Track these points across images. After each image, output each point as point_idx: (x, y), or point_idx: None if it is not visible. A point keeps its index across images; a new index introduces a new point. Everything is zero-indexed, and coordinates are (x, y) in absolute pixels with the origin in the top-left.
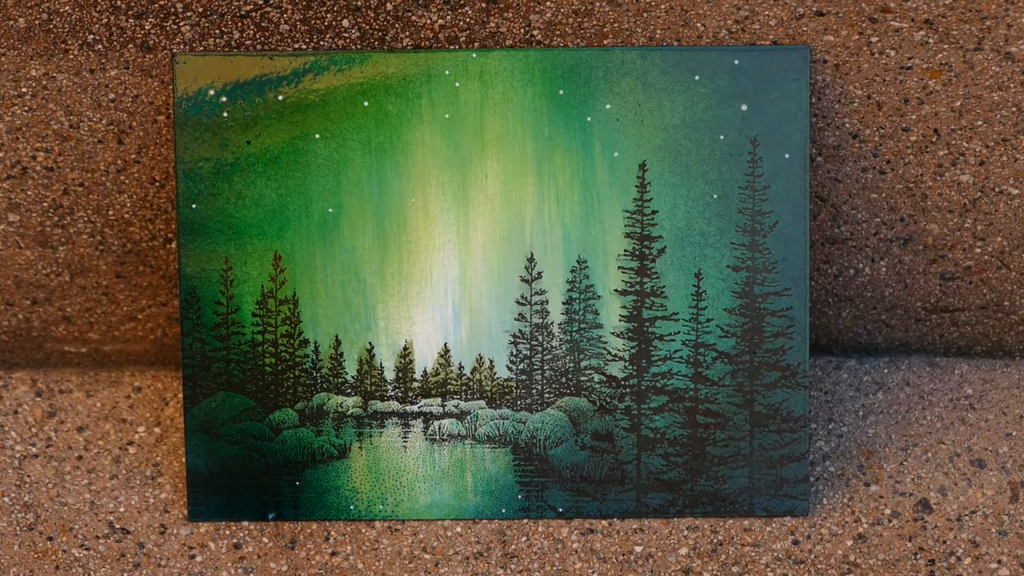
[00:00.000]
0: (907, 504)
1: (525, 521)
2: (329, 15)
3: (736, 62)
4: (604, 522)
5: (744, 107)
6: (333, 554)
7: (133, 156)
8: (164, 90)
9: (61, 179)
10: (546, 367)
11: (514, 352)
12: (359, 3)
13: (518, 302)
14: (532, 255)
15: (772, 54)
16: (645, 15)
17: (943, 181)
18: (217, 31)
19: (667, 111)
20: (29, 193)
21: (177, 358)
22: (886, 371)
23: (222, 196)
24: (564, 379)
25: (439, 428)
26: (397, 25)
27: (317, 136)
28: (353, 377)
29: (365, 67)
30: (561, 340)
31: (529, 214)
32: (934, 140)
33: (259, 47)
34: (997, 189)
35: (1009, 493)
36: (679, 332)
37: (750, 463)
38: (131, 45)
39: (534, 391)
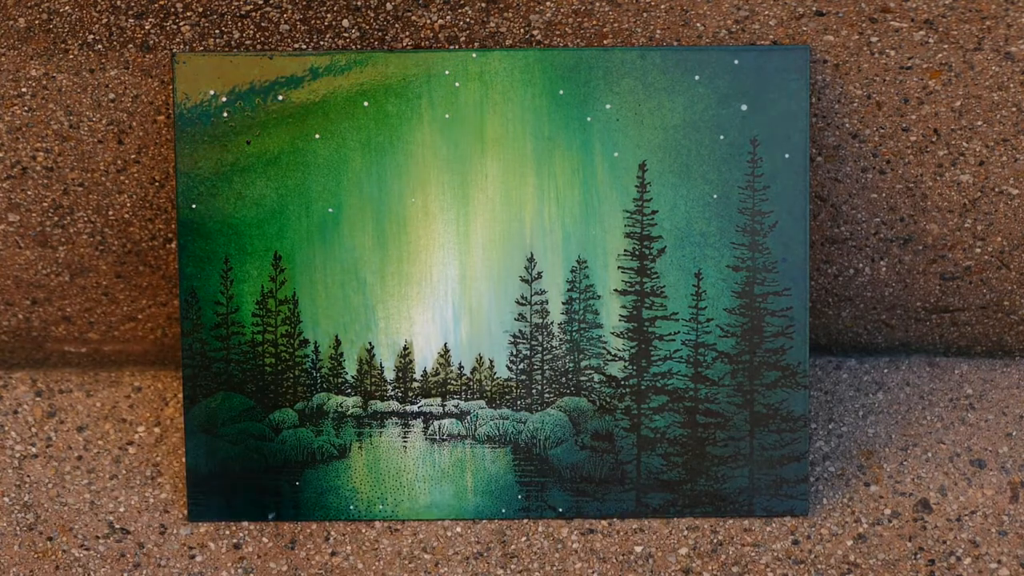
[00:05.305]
0: (907, 504)
1: (525, 521)
2: (329, 15)
3: (736, 62)
4: (604, 522)
5: (744, 107)
6: (333, 554)
7: (133, 156)
8: (164, 90)
9: (61, 179)
10: (546, 367)
11: (514, 352)
12: (359, 3)
13: (518, 302)
14: (532, 255)
15: (772, 54)
16: (645, 15)
17: (943, 181)
18: (217, 31)
19: (667, 111)
20: (29, 193)
21: (177, 358)
22: (886, 371)
23: (222, 196)
24: (564, 379)
25: (439, 428)
26: (397, 25)
27: (317, 136)
28: (353, 377)
29: (365, 67)
30: (561, 340)
31: (529, 214)
32: (934, 140)
33: (259, 47)
34: (997, 189)
35: (1009, 493)
36: (679, 332)
37: (750, 463)
38: (131, 45)
39: (534, 391)
